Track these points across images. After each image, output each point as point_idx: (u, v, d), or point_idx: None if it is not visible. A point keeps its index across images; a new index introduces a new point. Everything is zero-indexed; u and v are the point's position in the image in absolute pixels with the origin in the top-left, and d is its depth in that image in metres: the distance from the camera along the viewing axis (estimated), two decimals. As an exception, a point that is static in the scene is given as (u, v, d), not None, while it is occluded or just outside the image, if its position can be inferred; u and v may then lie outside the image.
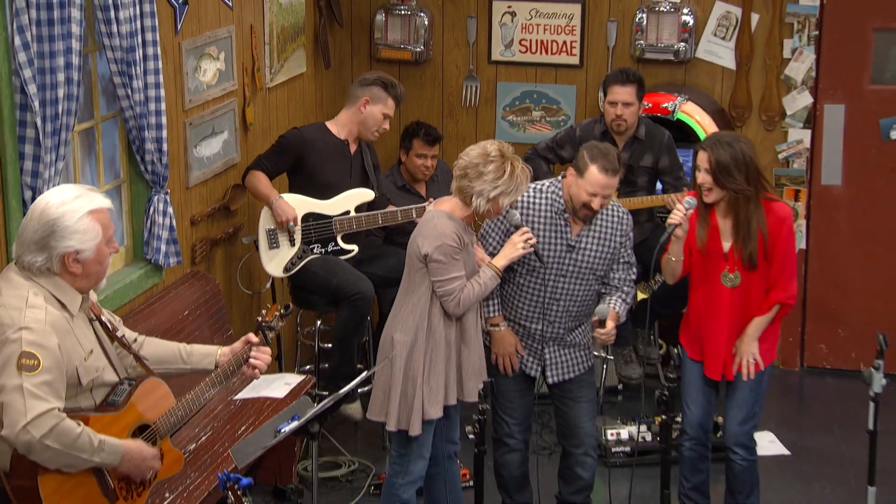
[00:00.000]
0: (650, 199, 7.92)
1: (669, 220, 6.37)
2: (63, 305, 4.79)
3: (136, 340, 5.30)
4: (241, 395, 7.36)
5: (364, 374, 5.71)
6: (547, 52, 9.12)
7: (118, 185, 7.30)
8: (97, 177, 7.13)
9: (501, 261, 6.25)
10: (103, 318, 5.06)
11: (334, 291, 7.60)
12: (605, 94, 7.98)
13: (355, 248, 7.81)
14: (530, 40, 9.17)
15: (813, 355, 9.02)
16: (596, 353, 8.51)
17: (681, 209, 6.31)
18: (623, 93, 7.80)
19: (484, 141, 6.21)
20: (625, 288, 6.64)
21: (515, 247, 6.19)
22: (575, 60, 9.06)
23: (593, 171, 6.28)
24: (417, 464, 6.29)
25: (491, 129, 9.14)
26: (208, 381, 5.27)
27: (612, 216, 6.58)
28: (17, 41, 5.91)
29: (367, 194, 7.77)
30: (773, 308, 6.44)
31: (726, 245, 6.38)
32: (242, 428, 6.99)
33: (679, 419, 6.84)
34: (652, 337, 8.31)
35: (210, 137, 7.82)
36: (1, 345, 4.62)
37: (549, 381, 6.66)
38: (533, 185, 6.52)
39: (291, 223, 7.55)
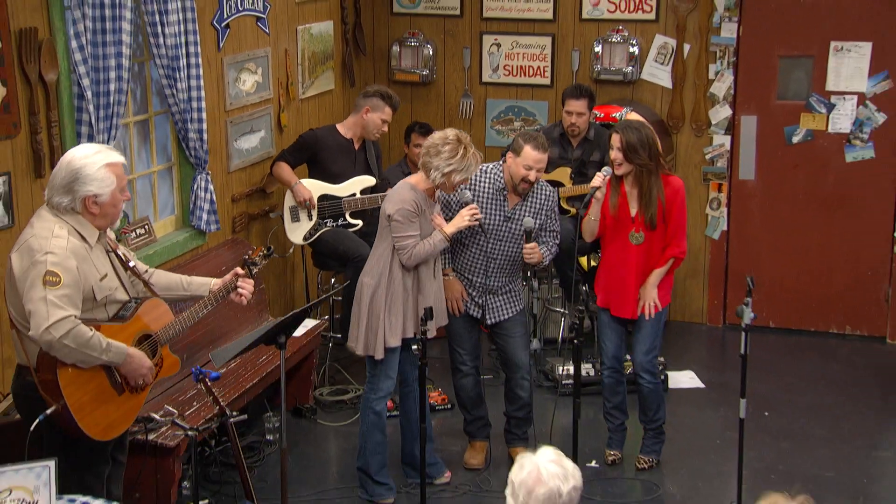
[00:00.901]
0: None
1: (591, 185, 6.42)
2: (83, 238, 4.78)
3: (146, 271, 5.27)
4: (269, 334, 7.43)
5: (309, 303, 5.72)
6: (525, 75, 9.11)
7: (169, 167, 7.36)
8: (151, 159, 7.19)
9: (451, 228, 6.21)
10: (119, 251, 5.05)
11: (341, 255, 7.61)
12: (564, 104, 7.95)
13: (360, 222, 7.85)
14: (512, 66, 9.18)
15: (733, 314, 8.93)
16: (558, 310, 8.56)
17: (600, 175, 6.35)
18: (577, 105, 7.80)
19: (448, 128, 6.26)
20: (549, 243, 6.61)
21: (463, 219, 6.18)
22: (547, 81, 9.04)
23: (528, 150, 6.27)
24: (385, 382, 6.28)
25: (482, 136, 9.08)
26: (202, 303, 5.26)
27: (542, 194, 6.56)
28: (73, 44, 6.02)
29: (369, 180, 7.81)
30: (669, 261, 6.46)
31: (633, 210, 6.39)
32: (262, 357, 7.03)
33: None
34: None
35: (249, 134, 7.85)
36: (32, 266, 4.63)
37: (488, 322, 6.63)
38: (479, 168, 6.51)
39: (308, 202, 7.61)
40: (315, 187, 7.61)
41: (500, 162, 6.48)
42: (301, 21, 8.48)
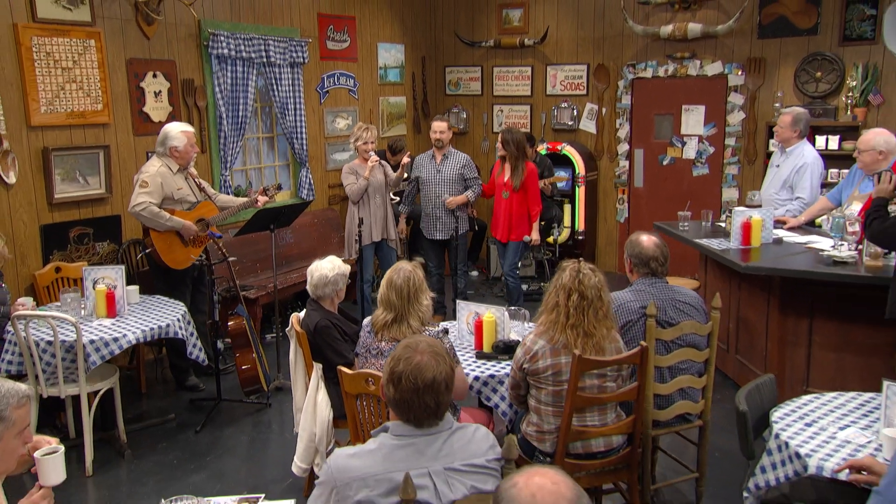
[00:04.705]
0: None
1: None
2: (169, 168, 5.34)
3: (214, 193, 5.64)
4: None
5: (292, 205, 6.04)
6: (516, 128, 9.31)
7: (287, 163, 7.90)
8: (275, 158, 7.76)
9: (366, 172, 6.30)
10: (195, 179, 5.58)
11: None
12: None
13: (398, 198, 8.16)
14: (509, 122, 9.42)
15: (631, 267, 9.06)
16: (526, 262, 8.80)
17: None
18: (528, 151, 7.75)
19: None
20: (474, 187, 6.76)
21: (368, 165, 6.32)
22: (527, 130, 9.23)
23: (433, 123, 6.69)
24: (366, 271, 6.53)
25: (492, 159, 9.47)
26: (234, 207, 5.60)
27: (459, 157, 6.79)
28: (217, 90, 6.66)
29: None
30: (537, 215, 6.68)
31: (506, 177, 6.62)
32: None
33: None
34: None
35: (341, 151, 8.31)
36: (138, 178, 5.27)
37: (452, 239, 6.71)
38: (425, 153, 6.85)
39: None
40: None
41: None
42: (382, 95, 8.97)
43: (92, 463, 4.65)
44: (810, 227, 5.82)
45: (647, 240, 4.05)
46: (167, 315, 4.99)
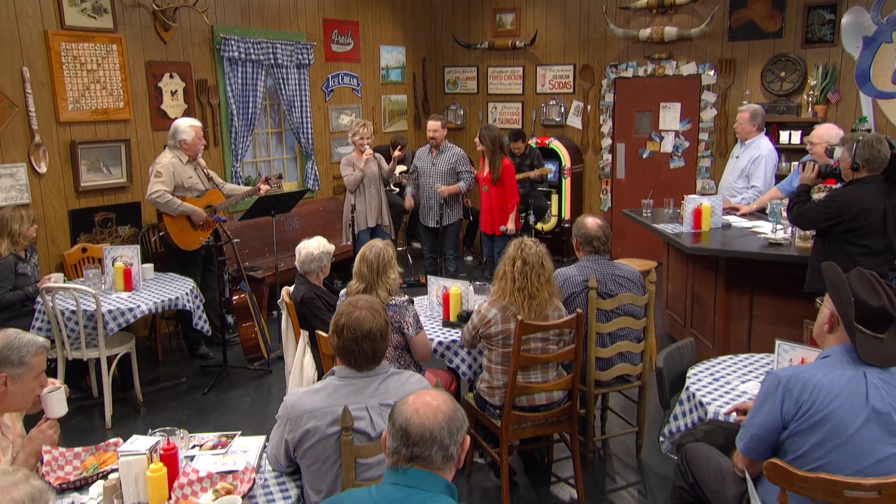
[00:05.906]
0: (527, 173, 8.19)
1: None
2: (179, 159, 5.59)
3: (221, 183, 5.81)
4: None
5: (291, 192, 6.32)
6: (509, 124, 9.60)
7: (294, 156, 8.20)
8: (283, 151, 8.07)
9: (361, 164, 6.53)
10: (204, 170, 5.82)
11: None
12: (510, 141, 8.11)
13: (397, 189, 8.43)
14: (502, 118, 9.68)
15: (613, 250, 9.31)
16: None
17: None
18: (518, 144, 8.04)
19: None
20: (466, 178, 6.88)
21: (364, 157, 6.54)
22: (518, 126, 9.50)
23: (428, 122, 6.85)
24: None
25: (490, 157, 9.77)
26: (238, 195, 5.79)
27: (452, 151, 6.93)
28: (228, 89, 6.92)
29: (402, 167, 8.25)
30: (514, 207, 6.79)
31: (485, 173, 6.77)
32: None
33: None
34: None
35: (345, 146, 8.51)
36: (153, 168, 5.53)
37: (439, 226, 6.89)
38: (425, 146, 7.02)
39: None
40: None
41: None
42: (384, 93, 9.25)
43: (111, 418, 5.04)
44: (761, 213, 6.09)
45: (591, 222, 4.36)
46: (177, 290, 5.36)
